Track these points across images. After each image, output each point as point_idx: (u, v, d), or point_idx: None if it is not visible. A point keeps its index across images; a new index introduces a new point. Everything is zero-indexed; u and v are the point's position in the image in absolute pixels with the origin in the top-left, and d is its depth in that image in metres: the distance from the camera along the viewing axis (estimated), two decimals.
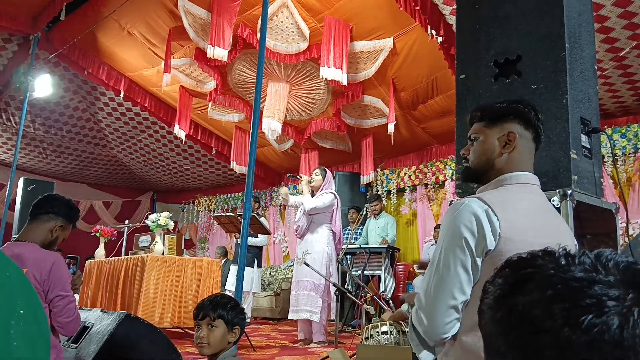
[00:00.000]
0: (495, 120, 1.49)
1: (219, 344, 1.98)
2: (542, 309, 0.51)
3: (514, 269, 0.57)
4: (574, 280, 0.51)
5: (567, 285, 0.51)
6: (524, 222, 1.36)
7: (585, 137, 2.15)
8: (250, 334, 4.97)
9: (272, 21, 6.08)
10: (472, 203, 1.35)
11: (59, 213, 2.31)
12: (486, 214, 1.32)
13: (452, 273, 1.32)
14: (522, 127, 1.47)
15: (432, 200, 7.89)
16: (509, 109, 1.49)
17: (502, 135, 1.47)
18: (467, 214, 1.33)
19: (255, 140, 3.54)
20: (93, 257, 6.00)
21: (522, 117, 1.48)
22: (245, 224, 3.28)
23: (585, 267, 0.52)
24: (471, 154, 1.53)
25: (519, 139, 1.46)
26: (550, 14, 2.19)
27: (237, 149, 8.66)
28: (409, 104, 7.13)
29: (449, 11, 5.27)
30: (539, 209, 1.45)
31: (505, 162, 1.47)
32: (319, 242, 4.87)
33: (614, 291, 0.50)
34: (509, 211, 1.35)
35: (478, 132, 1.51)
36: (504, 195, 1.41)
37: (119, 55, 7.71)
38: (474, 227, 1.32)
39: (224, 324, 1.98)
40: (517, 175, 1.45)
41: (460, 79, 2.42)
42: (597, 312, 0.48)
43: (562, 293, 0.51)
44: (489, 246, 1.30)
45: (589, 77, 2.28)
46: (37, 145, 9.79)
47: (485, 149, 1.49)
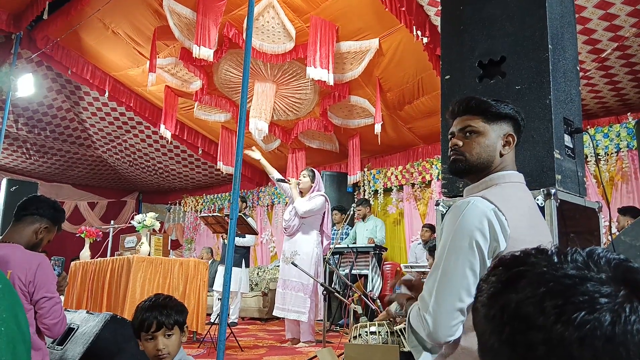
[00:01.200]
0: (495, 119, 1.49)
1: (177, 349, 1.88)
2: (535, 306, 0.51)
3: (507, 267, 0.57)
4: (566, 277, 0.52)
5: (559, 283, 0.51)
6: (525, 221, 1.37)
7: (569, 137, 2.18)
8: (238, 334, 4.96)
9: (258, 21, 6.07)
10: (479, 203, 1.32)
11: (44, 215, 2.29)
12: (495, 214, 1.30)
13: (460, 275, 1.29)
14: (516, 129, 1.51)
15: (418, 199, 7.94)
16: (508, 111, 1.50)
17: (502, 135, 1.48)
18: (477, 215, 1.31)
19: (242, 140, 3.53)
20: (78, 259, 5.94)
21: (516, 121, 1.51)
22: (233, 224, 3.28)
23: (578, 264, 0.53)
24: (471, 147, 1.48)
25: (514, 141, 1.51)
26: (533, 15, 2.22)
27: (223, 149, 8.63)
28: (395, 104, 7.17)
29: (434, 12, 5.31)
30: (532, 207, 1.47)
31: (502, 161, 1.49)
32: (308, 243, 4.88)
33: (606, 288, 0.50)
34: (512, 211, 1.34)
35: (478, 126, 1.49)
36: (503, 194, 1.40)
37: (103, 55, 7.64)
38: (485, 228, 1.29)
39: (178, 329, 1.89)
40: (509, 174, 1.47)
41: (445, 80, 2.44)
42: (589, 309, 0.49)
43: (554, 290, 0.51)
44: (501, 247, 1.29)
45: (572, 78, 2.32)
46: (20, 145, 9.66)
47: (488, 146, 1.47)
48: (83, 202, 11.80)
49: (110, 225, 6.47)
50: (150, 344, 1.85)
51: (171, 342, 1.85)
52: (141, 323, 1.85)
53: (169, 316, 1.85)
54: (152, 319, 1.83)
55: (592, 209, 2.27)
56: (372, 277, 6.45)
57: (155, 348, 1.83)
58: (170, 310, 1.86)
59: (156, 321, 1.83)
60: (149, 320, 1.83)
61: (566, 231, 2.24)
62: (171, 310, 1.86)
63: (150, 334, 1.84)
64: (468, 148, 1.48)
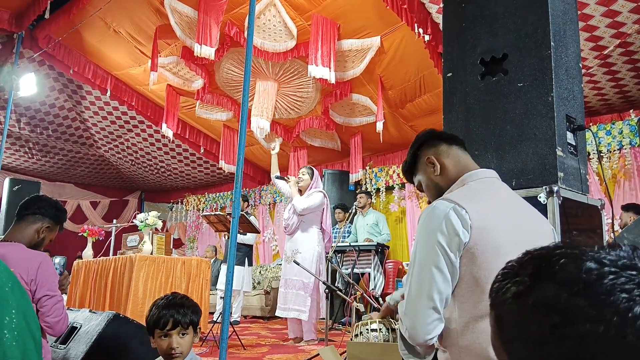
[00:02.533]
0: (414, 164, 1.67)
1: (189, 348, 1.88)
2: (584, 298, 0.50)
3: (540, 258, 0.56)
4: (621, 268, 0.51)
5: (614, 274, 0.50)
6: (494, 210, 1.42)
7: (571, 135, 2.18)
8: (240, 333, 4.97)
9: (259, 19, 6.06)
10: (439, 205, 1.41)
11: (46, 214, 2.29)
12: (454, 211, 1.36)
13: (428, 275, 1.36)
14: (432, 147, 1.62)
15: (420, 198, 7.93)
16: (413, 148, 1.67)
17: (426, 166, 1.62)
18: (437, 216, 1.38)
19: (244, 139, 3.53)
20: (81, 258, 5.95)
21: (426, 141, 1.64)
22: (235, 222, 3.28)
23: (627, 257, 0.52)
24: (429, 197, 1.66)
25: (439, 156, 1.59)
26: (535, 12, 2.21)
27: (225, 147, 8.63)
28: (397, 102, 7.16)
29: (435, 10, 5.30)
30: (506, 198, 1.51)
31: (448, 178, 1.57)
32: (309, 241, 4.88)
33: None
34: (477, 203, 1.40)
35: (416, 181, 1.69)
36: (468, 190, 1.48)
37: (105, 54, 7.64)
38: (443, 227, 1.36)
39: (192, 329, 1.89)
40: (474, 172, 1.54)
41: (447, 77, 2.44)
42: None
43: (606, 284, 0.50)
44: (463, 240, 1.34)
45: (574, 75, 2.31)
46: (22, 145, 9.68)
47: (427, 186, 1.64)
48: (85, 201, 11.82)
49: (112, 224, 6.47)
50: (164, 342, 1.85)
51: (185, 342, 1.86)
52: (157, 320, 1.85)
53: (186, 315, 1.85)
54: (169, 317, 1.83)
55: (595, 207, 2.26)
56: (374, 276, 6.45)
57: (169, 346, 1.83)
58: (187, 310, 1.87)
59: (172, 319, 1.83)
60: (166, 318, 1.83)
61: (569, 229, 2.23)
62: (188, 310, 1.87)
63: (165, 331, 1.84)
64: (429, 197, 1.66)
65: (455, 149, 1.60)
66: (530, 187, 2.08)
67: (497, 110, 2.24)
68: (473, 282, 1.34)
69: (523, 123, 2.15)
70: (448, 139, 1.62)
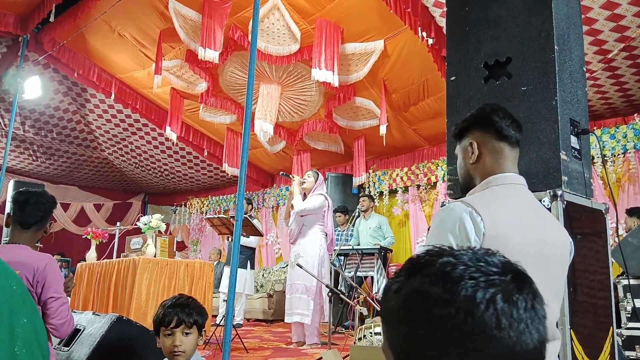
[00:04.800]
0: (461, 136, 1.60)
1: (193, 349, 1.93)
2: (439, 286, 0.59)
3: (412, 263, 0.66)
4: (464, 264, 0.61)
5: (458, 267, 0.60)
6: (508, 220, 1.39)
7: (575, 138, 2.17)
8: (243, 336, 4.97)
9: (263, 23, 6.08)
10: (456, 207, 1.39)
11: (49, 214, 2.32)
12: (469, 216, 1.35)
13: None
14: (482, 132, 1.53)
15: (424, 201, 7.92)
16: (468, 119, 1.57)
17: (467, 147, 1.56)
18: (452, 219, 1.37)
19: (247, 142, 3.54)
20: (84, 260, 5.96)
21: (481, 122, 1.54)
22: (238, 225, 3.28)
23: (474, 257, 0.62)
24: (457, 170, 1.65)
25: (483, 145, 1.53)
26: (539, 16, 2.21)
27: (229, 150, 8.65)
28: (400, 106, 7.17)
29: (439, 13, 5.31)
30: (526, 207, 1.48)
31: (480, 170, 1.54)
32: (312, 245, 4.88)
33: (495, 271, 0.60)
34: (493, 210, 1.38)
35: (456, 151, 1.64)
36: (489, 196, 1.45)
37: (109, 57, 7.68)
38: (456, 229, 1.35)
39: (197, 330, 1.94)
40: (502, 176, 1.50)
41: (450, 81, 2.44)
42: (484, 285, 0.58)
43: (454, 273, 0.60)
44: (473, 245, 1.32)
45: (578, 79, 2.31)
46: (27, 147, 9.72)
47: (460, 164, 1.61)
48: (89, 204, 11.85)
49: (116, 226, 6.49)
50: (168, 340, 1.91)
51: (188, 341, 1.91)
52: (162, 318, 1.92)
53: (190, 315, 1.92)
54: (173, 315, 1.91)
55: (599, 211, 2.26)
56: (377, 279, 6.44)
57: (172, 344, 1.89)
58: (191, 310, 1.93)
59: (177, 318, 1.90)
60: (170, 316, 1.91)
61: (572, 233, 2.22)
62: (192, 310, 1.94)
63: (169, 329, 1.91)
64: (457, 172, 1.65)
65: (503, 145, 1.52)
66: (534, 191, 2.07)
67: None
68: None
69: (527, 127, 2.15)
70: (502, 132, 1.51)
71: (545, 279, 1.41)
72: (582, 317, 1.97)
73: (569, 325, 1.84)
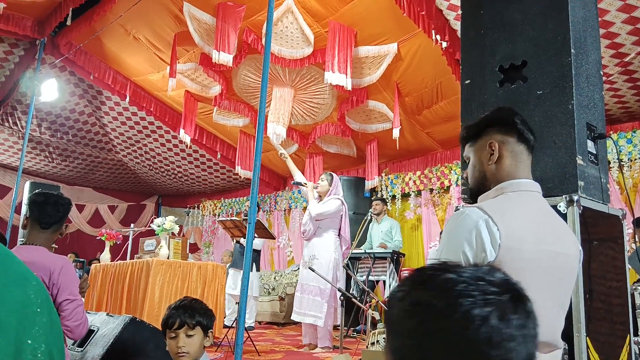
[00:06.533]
0: (476, 137, 1.52)
1: (197, 351, 1.93)
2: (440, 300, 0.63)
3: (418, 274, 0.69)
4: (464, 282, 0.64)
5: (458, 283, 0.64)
6: (524, 230, 1.35)
7: (591, 143, 2.15)
8: (255, 339, 4.97)
9: (276, 26, 6.10)
10: (472, 214, 1.34)
11: (67, 215, 2.35)
12: (486, 224, 1.31)
13: None
14: (503, 133, 1.48)
15: (437, 205, 7.88)
16: (486, 120, 1.52)
17: (485, 148, 1.49)
18: (467, 225, 1.32)
19: (261, 145, 3.54)
20: (98, 261, 6.02)
21: (501, 123, 1.49)
22: (251, 228, 3.29)
23: (475, 275, 0.65)
24: (469, 174, 1.56)
25: (503, 146, 1.47)
26: (555, 19, 2.19)
27: (242, 153, 8.69)
28: (413, 109, 7.14)
29: (453, 16, 5.29)
30: (540, 215, 1.44)
31: (497, 172, 1.48)
32: (326, 248, 4.86)
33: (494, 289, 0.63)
34: (509, 219, 1.34)
35: (467, 153, 1.56)
36: (504, 203, 1.40)
37: (124, 60, 7.75)
38: (472, 238, 1.31)
39: (201, 331, 1.94)
40: (517, 182, 1.45)
41: (465, 85, 2.42)
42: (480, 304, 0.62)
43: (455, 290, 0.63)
44: (489, 257, 1.29)
45: (595, 83, 2.28)
46: (43, 149, 9.85)
47: (474, 166, 1.53)
48: (103, 206, 11.97)
49: (130, 228, 6.55)
50: (172, 342, 1.94)
51: (192, 343, 1.92)
52: (166, 320, 1.95)
53: (192, 316, 1.93)
54: (176, 317, 1.92)
55: (616, 216, 2.22)
56: (389, 283, 6.42)
57: (176, 345, 1.91)
58: (194, 312, 1.94)
59: (179, 319, 1.92)
60: (173, 318, 1.93)
61: (589, 238, 2.20)
62: (195, 312, 1.94)
63: (173, 331, 1.93)
64: (468, 175, 1.57)
65: (523, 147, 1.48)
66: (550, 196, 2.05)
67: None
68: None
69: (542, 131, 2.13)
70: (523, 134, 1.48)
71: (554, 290, 1.39)
72: (599, 324, 1.94)
73: (585, 332, 1.82)
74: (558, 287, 1.40)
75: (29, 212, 2.28)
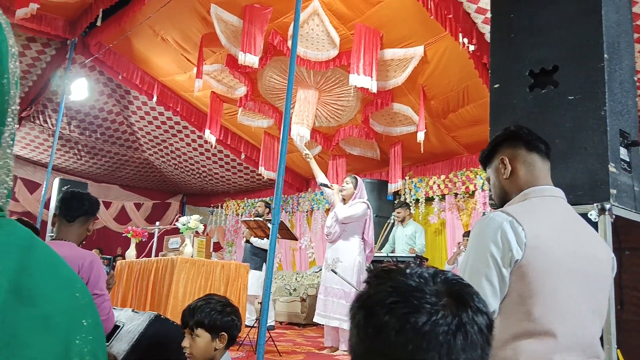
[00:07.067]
0: (490, 157, 1.61)
1: (203, 353, 1.83)
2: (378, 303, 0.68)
3: (375, 276, 0.75)
4: (408, 286, 0.68)
5: (400, 288, 0.68)
6: (549, 232, 1.37)
7: (624, 150, 2.10)
8: (276, 339, 4.99)
9: (302, 28, 6.12)
10: (496, 217, 1.38)
11: (93, 212, 2.40)
12: (511, 225, 1.33)
13: (477, 286, 1.34)
14: (511, 148, 1.55)
15: (461, 210, 7.79)
16: (495, 140, 1.60)
17: (498, 165, 1.56)
18: (493, 228, 1.36)
19: (285, 146, 3.56)
20: (123, 257, 6.12)
21: (508, 139, 1.57)
22: (274, 229, 3.31)
23: (420, 278, 0.69)
24: (493, 194, 1.65)
25: (514, 159, 1.53)
26: (588, 23, 2.15)
27: (265, 154, 8.74)
28: (439, 113, 7.08)
29: (481, 20, 5.23)
30: (566, 219, 1.46)
31: (514, 184, 1.53)
32: (351, 251, 4.85)
33: (433, 298, 0.66)
34: (534, 221, 1.36)
35: (487, 174, 1.65)
36: (528, 207, 1.44)
37: (152, 61, 7.87)
38: (498, 239, 1.33)
39: (207, 332, 1.84)
40: (540, 188, 1.48)
41: (494, 89, 2.40)
42: (416, 310, 0.65)
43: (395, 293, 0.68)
44: (516, 256, 1.31)
45: (628, 89, 2.23)
46: (72, 146, 10.06)
47: (494, 185, 1.61)
48: (129, 203, 12.17)
49: (155, 226, 6.64)
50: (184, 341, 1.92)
51: (195, 344, 1.85)
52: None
53: (193, 317, 1.86)
54: (183, 316, 1.91)
55: None
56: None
57: (183, 345, 1.90)
58: (199, 313, 1.86)
59: (184, 319, 1.90)
60: (182, 316, 1.93)
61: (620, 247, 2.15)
62: (200, 313, 1.85)
63: (183, 329, 1.92)
64: (493, 194, 1.65)
65: (535, 156, 1.53)
66: (580, 203, 2.01)
67: (545, 123, 2.18)
68: (519, 300, 1.32)
69: (573, 137, 2.09)
70: (530, 143, 1.54)
71: (585, 293, 1.37)
72: (630, 336, 1.90)
73: (615, 345, 1.78)
74: (589, 291, 1.39)
75: (58, 209, 2.35)
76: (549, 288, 1.31)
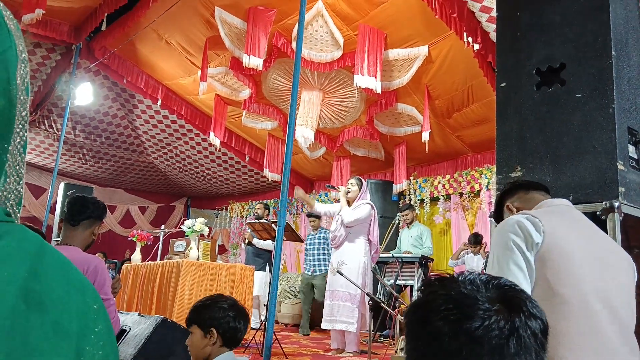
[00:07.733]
0: (500, 213, 1.80)
1: (196, 349, 1.91)
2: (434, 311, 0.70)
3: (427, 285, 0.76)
4: (460, 294, 0.70)
5: (453, 297, 0.70)
6: (568, 227, 1.48)
7: (633, 148, 2.08)
8: (282, 341, 4.98)
9: (306, 30, 6.11)
10: (513, 217, 1.50)
11: (98, 216, 2.39)
12: (527, 219, 1.45)
13: (507, 272, 1.42)
14: (511, 196, 1.75)
15: (466, 209, 7.76)
16: (499, 198, 1.81)
17: (506, 213, 1.73)
18: (510, 223, 1.47)
19: (291, 148, 3.55)
20: (129, 261, 6.12)
21: (507, 191, 1.77)
22: (280, 231, 3.30)
23: (473, 286, 0.71)
24: None
25: (516, 202, 1.71)
26: (595, 20, 2.13)
27: (270, 156, 8.74)
28: (443, 112, 7.06)
29: (486, 18, 5.21)
30: (582, 222, 1.55)
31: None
32: (356, 253, 4.83)
33: (486, 304, 0.68)
34: (549, 217, 1.48)
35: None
36: (543, 210, 1.57)
37: (156, 64, 7.89)
38: (517, 229, 1.44)
39: (199, 328, 1.92)
40: (551, 200, 1.63)
41: (500, 88, 2.38)
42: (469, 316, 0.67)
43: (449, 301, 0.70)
44: (535, 240, 1.40)
45: (637, 86, 2.21)
46: (77, 151, 10.09)
47: None
48: (134, 207, 12.19)
49: (160, 229, 6.64)
50: None
51: (190, 340, 1.94)
52: None
53: (189, 315, 1.97)
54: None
55: None
56: (417, 288, 6.34)
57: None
58: (193, 310, 1.97)
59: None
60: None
61: (629, 246, 2.12)
62: (194, 310, 1.97)
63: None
64: None
65: (534, 193, 1.70)
66: (589, 202, 1.99)
67: (553, 121, 2.16)
68: (547, 286, 1.37)
69: (581, 135, 2.07)
70: (527, 186, 1.73)
71: (610, 278, 1.41)
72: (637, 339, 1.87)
73: None
74: (611, 281, 1.41)
75: (63, 214, 2.35)
76: (572, 272, 1.36)
